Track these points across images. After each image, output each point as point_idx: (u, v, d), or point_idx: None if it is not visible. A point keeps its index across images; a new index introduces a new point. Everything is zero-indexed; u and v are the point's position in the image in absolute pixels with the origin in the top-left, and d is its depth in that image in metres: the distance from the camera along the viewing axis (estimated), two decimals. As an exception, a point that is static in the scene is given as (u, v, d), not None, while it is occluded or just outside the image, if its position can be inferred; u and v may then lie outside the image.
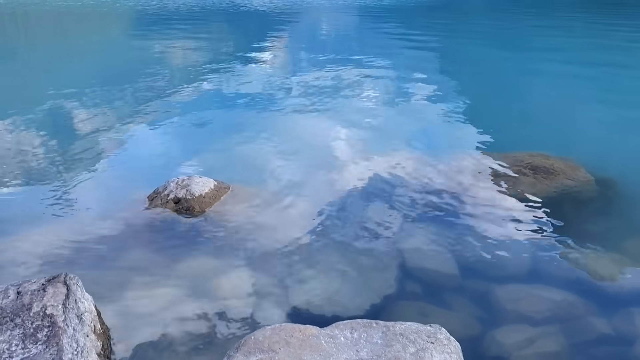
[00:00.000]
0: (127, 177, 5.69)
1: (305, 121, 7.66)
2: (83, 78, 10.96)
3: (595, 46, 15.05)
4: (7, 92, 9.84)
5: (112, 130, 7.22)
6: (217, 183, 5.06)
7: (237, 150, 6.39)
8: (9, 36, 20.97)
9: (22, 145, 6.61)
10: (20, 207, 4.89)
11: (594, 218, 4.59)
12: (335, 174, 5.59)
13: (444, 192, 5.03)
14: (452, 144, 6.60)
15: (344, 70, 11.15)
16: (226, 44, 17.06)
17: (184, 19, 25.43)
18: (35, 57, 14.80)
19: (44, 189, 5.30)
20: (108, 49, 16.48)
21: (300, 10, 30.89)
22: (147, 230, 4.34)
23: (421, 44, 15.58)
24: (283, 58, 13.38)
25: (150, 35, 19.18)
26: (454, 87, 9.64)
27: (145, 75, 11.04)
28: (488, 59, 13.20)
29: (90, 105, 8.54)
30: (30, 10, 31.97)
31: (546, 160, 5.63)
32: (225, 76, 10.81)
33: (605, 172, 5.43)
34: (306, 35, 18.85)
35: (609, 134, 7.08)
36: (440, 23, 23.59)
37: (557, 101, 8.84)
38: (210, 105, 8.54)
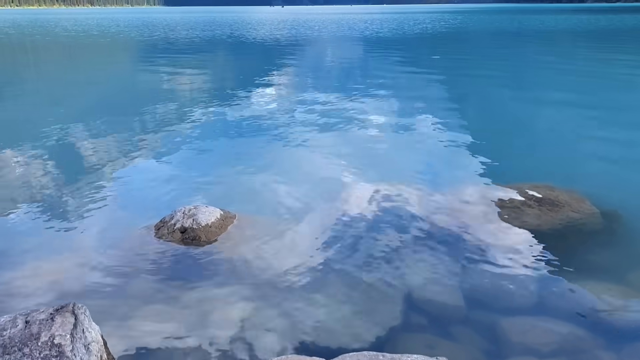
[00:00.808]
0: (135, 206, 5.72)
1: (310, 150, 7.72)
2: (89, 107, 11.11)
3: (599, 78, 15.18)
4: (14, 122, 9.96)
5: (118, 160, 7.29)
6: (223, 212, 5.09)
7: (243, 179, 6.44)
8: (13, 66, 21.31)
9: (30, 174, 6.67)
10: (28, 236, 4.92)
11: (600, 250, 4.58)
12: (340, 204, 5.61)
13: (449, 223, 5.04)
14: (456, 174, 6.63)
15: (348, 100, 11.27)
16: (229, 74, 17.30)
17: (187, 50, 25.85)
18: (40, 87, 15.02)
19: (51, 218, 5.34)
20: (113, 78, 16.73)
21: (303, 41, 31.34)
22: (154, 260, 4.36)
23: (424, 74, 15.77)
24: (286, 88, 13.54)
25: (155, 65, 19.46)
26: (457, 117, 9.72)
27: (150, 104, 11.18)
28: (492, 90, 13.32)
29: (96, 134, 8.63)
30: (35, 40, 32.54)
31: (551, 192, 5.65)
32: (229, 106, 10.94)
33: (610, 205, 5.44)
34: (310, 65, 19.10)
35: (613, 167, 7.10)
36: (443, 53, 23.86)
37: (561, 133, 8.89)
38: (215, 135, 8.62)
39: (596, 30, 40.20)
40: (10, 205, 5.64)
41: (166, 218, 4.98)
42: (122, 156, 7.44)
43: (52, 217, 5.35)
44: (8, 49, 27.62)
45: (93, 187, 6.20)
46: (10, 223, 5.23)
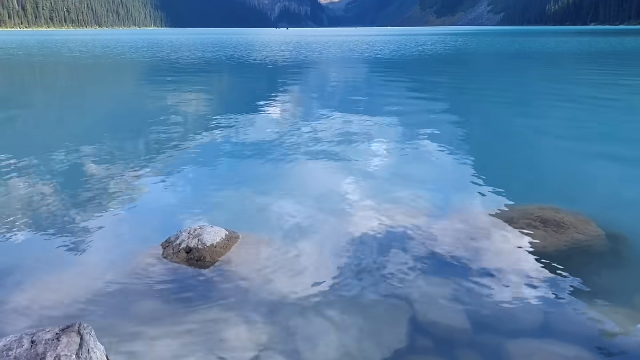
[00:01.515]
0: (140, 226, 5.74)
1: (315, 170, 7.75)
2: (94, 128, 11.20)
3: (603, 99, 15.24)
4: (20, 141, 10.05)
5: (123, 179, 7.32)
6: (228, 232, 5.11)
7: (247, 199, 6.45)
8: (20, 86, 21.54)
9: (35, 194, 6.71)
10: (33, 255, 4.94)
11: (606, 272, 4.56)
12: (344, 225, 5.62)
13: (454, 245, 5.03)
14: (461, 195, 6.64)
15: (352, 121, 11.33)
16: (234, 95, 17.45)
17: (191, 71, 26.09)
18: (45, 107, 15.16)
19: (57, 237, 5.36)
20: (117, 99, 16.88)
21: (308, 63, 31.61)
22: (159, 280, 4.37)
23: (427, 96, 15.87)
24: (291, 108, 13.64)
25: (160, 86, 19.65)
26: (461, 138, 9.75)
27: (155, 125, 11.26)
28: (495, 111, 13.38)
29: (103, 155, 8.68)
30: (39, 61, 32.91)
31: (556, 214, 5.65)
32: (234, 126, 11.01)
33: (616, 227, 5.43)
34: (313, 87, 19.25)
35: (618, 188, 7.09)
36: (446, 75, 24.02)
37: (566, 154, 8.90)
38: (220, 155, 8.66)
39: (598, 52, 40.45)
40: (16, 224, 5.67)
41: (171, 238, 5.00)
42: (127, 176, 7.48)
43: (58, 237, 5.37)
44: (16, 69, 27.95)
45: (99, 207, 6.22)
46: (17, 242, 5.25)
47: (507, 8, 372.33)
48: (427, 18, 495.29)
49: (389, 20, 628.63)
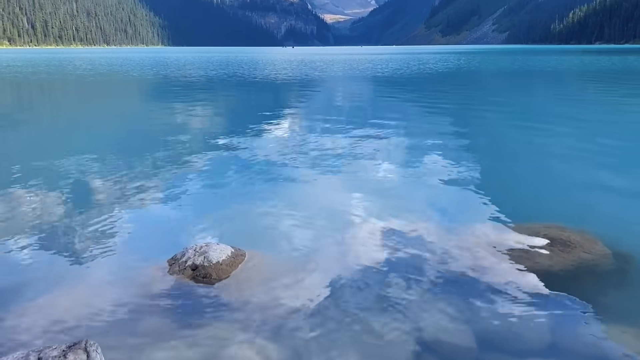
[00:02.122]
0: (146, 243, 5.76)
1: (321, 188, 7.77)
2: (100, 144, 11.27)
3: (609, 117, 15.25)
4: (26, 157, 10.12)
5: (129, 196, 7.36)
6: (234, 250, 5.11)
7: (253, 217, 6.47)
8: (17, 104, 21.74)
9: (42, 209, 6.75)
10: (38, 272, 4.96)
11: (613, 292, 4.54)
12: (350, 243, 5.62)
13: (460, 264, 5.02)
14: (467, 214, 6.63)
15: (359, 138, 11.37)
16: (240, 112, 17.55)
17: (198, 88, 26.28)
18: (51, 124, 15.29)
19: (63, 254, 5.38)
20: (124, 116, 17.00)
21: (313, 81, 31.81)
22: (165, 298, 4.37)
23: (432, 113, 15.92)
24: (296, 126, 13.70)
25: (166, 102, 19.80)
26: (467, 157, 9.76)
27: (162, 142, 11.33)
28: (500, 130, 13.41)
29: (109, 171, 8.73)
30: (47, 78, 33.25)
31: (562, 233, 5.63)
32: (240, 144, 11.05)
33: (622, 246, 5.41)
34: (320, 103, 19.34)
35: (624, 207, 7.07)
36: (451, 93, 24.11)
37: (571, 173, 8.89)
38: (226, 172, 8.70)
39: (603, 70, 40.54)
40: (23, 240, 5.70)
41: (178, 255, 5.01)
42: (133, 193, 7.51)
43: (64, 253, 5.39)
44: (19, 87, 28.24)
45: (106, 223, 6.25)
46: (21, 258, 5.27)
47: (512, 27, 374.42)
48: (432, 37, 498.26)
49: (394, 39, 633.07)
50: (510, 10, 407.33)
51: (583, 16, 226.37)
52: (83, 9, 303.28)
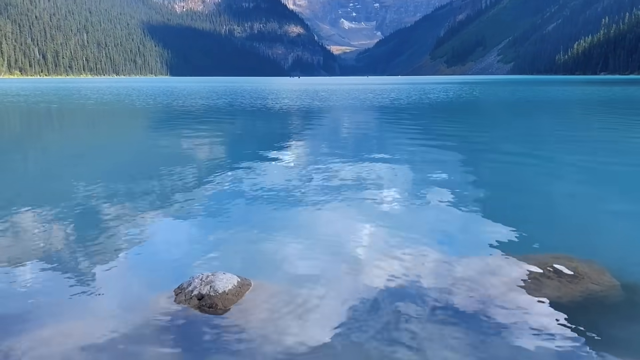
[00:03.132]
0: (152, 272, 5.76)
1: (326, 217, 7.77)
2: (105, 172, 11.35)
3: (616, 147, 15.25)
4: (32, 183, 10.20)
5: (135, 224, 7.38)
6: (240, 279, 5.11)
7: (259, 246, 6.47)
8: (37, 131, 21.99)
9: (47, 238, 6.77)
10: (44, 300, 4.96)
11: (622, 324, 4.49)
12: (357, 273, 5.60)
13: (468, 295, 4.99)
14: (474, 244, 6.61)
15: (364, 167, 11.40)
16: (245, 141, 17.66)
17: (203, 117, 26.53)
18: (57, 151, 15.42)
19: (68, 283, 5.38)
20: (129, 144, 17.14)
21: (315, 109, 32.06)
22: (171, 328, 4.36)
23: (438, 143, 15.95)
24: (301, 155, 13.77)
25: (172, 131, 19.98)
26: (473, 186, 9.76)
27: (166, 170, 11.39)
28: (506, 159, 13.41)
29: (114, 199, 8.77)
30: (39, 108, 33.67)
31: (570, 263, 5.60)
32: (245, 172, 11.10)
33: (631, 277, 5.37)
34: (325, 132, 19.47)
35: (632, 237, 7.04)
36: (456, 123, 24.22)
37: (578, 203, 8.88)
38: (231, 200, 8.73)
39: (610, 100, 40.69)
40: (27, 268, 5.71)
41: (184, 284, 5.01)
42: (139, 221, 7.54)
43: (69, 282, 5.40)
44: (34, 116, 28.61)
45: (112, 251, 6.27)
46: (27, 285, 5.28)
47: (517, 58, 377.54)
48: (437, 67, 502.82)
49: (400, 69, 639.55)
50: (515, 41, 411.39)
51: (587, 47, 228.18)
52: (93, 40, 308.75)
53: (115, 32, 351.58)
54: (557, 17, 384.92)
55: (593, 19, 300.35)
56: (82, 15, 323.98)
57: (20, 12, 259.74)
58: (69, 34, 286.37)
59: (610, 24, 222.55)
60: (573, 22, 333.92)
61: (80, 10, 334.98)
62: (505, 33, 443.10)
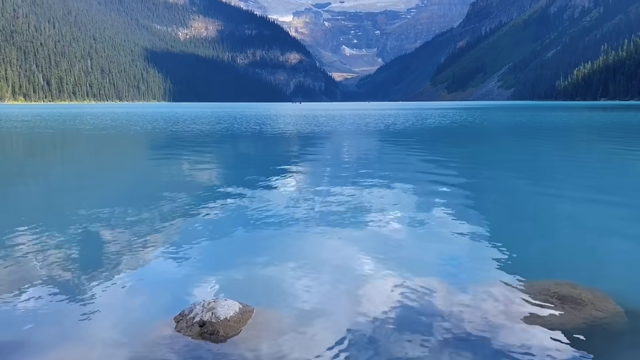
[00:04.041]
0: (153, 298, 5.74)
1: (328, 243, 7.76)
2: (105, 199, 11.36)
3: (619, 171, 15.27)
4: (32, 210, 10.22)
5: (136, 251, 7.37)
6: (242, 306, 5.09)
7: (260, 272, 6.46)
8: (39, 157, 22.09)
9: (46, 264, 6.75)
10: (42, 328, 4.94)
11: (627, 352, 4.46)
12: (360, 300, 5.58)
13: (470, 322, 4.96)
14: (476, 271, 6.59)
15: (366, 192, 11.41)
16: (246, 166, 17.70)
17: (200, 142, 26.65)
18: (55, 178, 15.47)
19: (67, 310, 5.36)
20: (129, 169, 17.18)
21: (317, 135, 32.20)
22: (172, 355, 4.33)
23: (440, 168, 15.98)
24: (302, 179, 13.78)
25: (172, 156, 20.03)
26: (476, 212, 9.76)
27: (167, 196, 11.40)
28: (508, 183, 13.43)
29: (114, 225, 8.76)
30: (35, 133, 33.87)
31: (573, 290, 5.58)
32: (246, 197, 11.11)
33: (635, 304, 5.34)
34: (327, 157, 19.50)
35: (635, 264, 7.01)
36: (458, 147, 24.29)
37: (580, 229, 8.85)
38: (232, 226, 8.72)
39: (612, 125, 40.84)
40: (26, 294, 5.69)
41: (185, 311, 5.00)
42: (140, 247, 7.53)
43: (68, 308, 5.38)
44: (29, 142, 28.76)
45: (112, 278, 6.25)
46: (25, 312, 5.26)
47: (517, 84, 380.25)
48: (438, 93, 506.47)
49: (400, 95, 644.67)
50: (515, 67, 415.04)
51: (587, 73, 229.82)
52: (97, 67, 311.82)
53: (119, 58, 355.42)
54: (556, 43, 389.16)
55: (592, 46, 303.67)
56: (86, 42, 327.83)
57: (26, 39, 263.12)
58: (73, 60, 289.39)
59: (609, 50, 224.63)
60: (572, 48, 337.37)
61: (84, 37, 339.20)
62: (505, 59, 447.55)
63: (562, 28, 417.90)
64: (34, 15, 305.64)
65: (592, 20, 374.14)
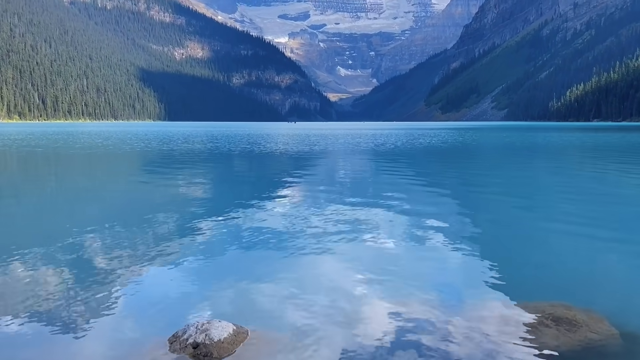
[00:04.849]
0: (146, 319, 5.70)
1: (324, 264, 7.74)
2: (99, 218, 11.29)
3: (612, 192, 15.33)
4: (19, 233, 10.16)
5: (130, 271, 7.33)
6: (236, 327, 5.07)
7: (255, 293, 6.43)
8: (24, 176, 22.01)
9: (38, 284, 6.71)
10: (34, 348, 4.89)
11: (623, 374, 4.44)
12: (355, 321, 5.56)
13: (465, 344, 4.95)
14: (471, 292, 6.58)
15: (361, 212, 11.41)
16: (239, 185, 17.67)
17: (195, 161, 26.64)
18: (47, 196, 15.41)
19: (59, 331, 5.32)
20: (122, 189, 17.12)
21: (311, 154, 32.27)
22: (165, 377, 4.29)
23: (434, 188, 16.02)
24: (298, 199, 13.77)
25: (165, 175, 19.96)
26: (470, 233, 9.77)
27: (161, 215, 11.37)
28: (503, 205, 13.46)
29: (106, 246, 8.70)
30: (22, 152, 33.82)
31: (568, 312, 5.58)
32: (240, 217, 11.09)
33: (630, 326, 5.34)
34: (318, 177, 19.50)
35: (630, 284, 7.03)
36: (453, 167, 24.36)
37: (575, 250, 8.87)
38: (227, 247, 8.70)
39: (604, 147, 41.12)
40: (18, 315, 5.65)
41: (179, 332, 4.96)
42: (133, 268, 7.48)
43: (61, 329, 5.33)
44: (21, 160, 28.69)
45: (105, 299, 6.21)
46: (17, 333, 5.21)
47: (511, 104, 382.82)
48: (432, 114, 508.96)
49: (395, 115, 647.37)
50: (509, 88, 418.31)
51: (580, 95, 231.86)
52: (93, 85, 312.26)
53: (115, 77, 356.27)
54: (549, 65, 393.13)
55: (584, 67, 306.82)
56: (82, 62, 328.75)
57: (22, 58, 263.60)
58: (69, 79, 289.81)
59: (601, 72, 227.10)
60: (565, 70, 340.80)
61: (81, 56, 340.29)
62: (499, 80, 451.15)
63: (555, 50, 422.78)
64: (30, 34, 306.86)
65: (584, 42, 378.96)
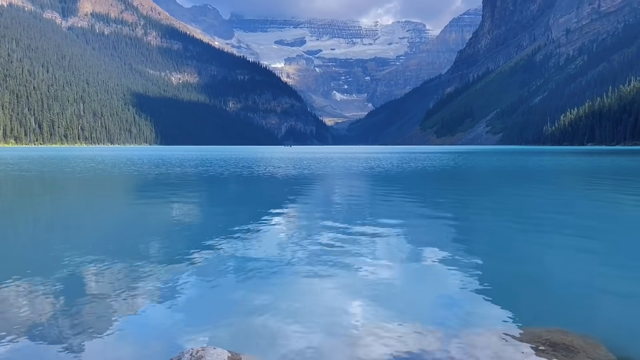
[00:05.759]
0: (140, 347, 5.64)
1: (318, 289, 7.70)
2: (92, 243, 11.23)
3: (609, 216, 15.36)
4: (16, 255, 10.09)
5: (123, 297, 7.27)
6: (231, 355, 5.02)
7: (251, 319, 6.38)
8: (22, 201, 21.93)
9: (30, 309, 6.65)
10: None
11: (621, 401, 4.40)
12: (351, 348, 5.51)
13: (462, 370, 4.90)
14: (467, 317, 6.55)
15: (356, 237, 11.38)
16: (234, 210, 17.63)
17: (189, 184, 26.62)
18: (40, 221, 15.34)
19: (55, 357, 5.25)
20: (112, 214, 17.06)
21: (309, 177, 32.30)
22: (158, 406, 4.23)
23: (430, 213, 16.01)
24: (292, 223, 13.73)
25: (156, 199, 19.93)
26: (466, 258, 9.74)
27: (155, 240, 11.32)
28: (498, 230, 13.46)
29: (100, 270, 8.63)
30: (10, 176, 33.76)
31: (565, 337, 5.55)
32: (235, 243, 11.04)
33: (627, 352, 5.31)
34: (316, 200, 19.48)
35: (628, 310, 7.00)
36: (449, 191, 24.39)
37: (572, 275, 8.85)
38: (222, 272, 8.64)
39: (600, 170, 41.32)
40: (10, 341, 5.58)
41: (173, 359, 4.90)
42: (125, 294, 7.42)
43: (55, 355, 5.27)
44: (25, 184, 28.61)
45: (97, 326, 6.15)
46: (7, 357, 5.15)
47: (505, 129, 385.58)
48: (427, 138, 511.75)
49: (391, 139, 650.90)
50: (503, 112, 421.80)
51: (574, 119, 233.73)
52: (90, 110, 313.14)
53: (112, 102, 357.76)
54: (542, 90, 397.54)
55: (577, 92, 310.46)
56: (79, 86, 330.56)
57: (19, 82, 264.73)
58: (66, 104, 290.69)
59: (595, 96, 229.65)
60: (558, 95, 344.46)
61: (78, 81, 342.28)
62: (493, 105, 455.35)
63: (548, 75, 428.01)
64: (28, 59, 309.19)
65: (577, 67, 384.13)
